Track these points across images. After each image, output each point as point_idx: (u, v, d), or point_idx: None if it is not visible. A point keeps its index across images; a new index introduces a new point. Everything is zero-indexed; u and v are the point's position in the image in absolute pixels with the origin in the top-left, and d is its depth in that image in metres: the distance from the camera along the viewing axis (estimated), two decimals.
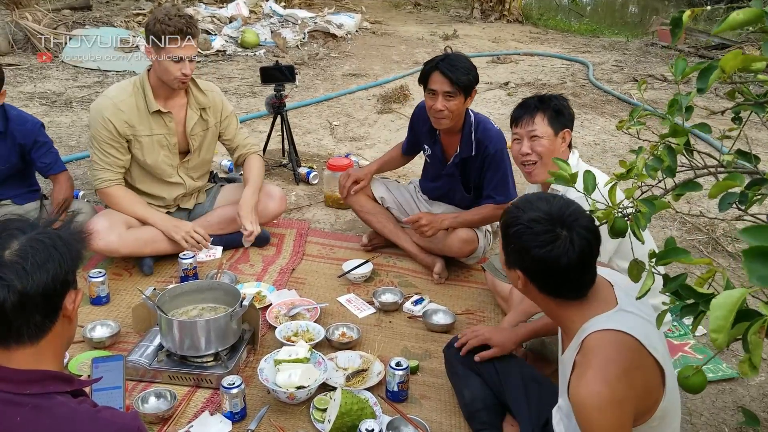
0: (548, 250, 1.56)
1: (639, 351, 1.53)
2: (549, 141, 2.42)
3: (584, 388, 1.49)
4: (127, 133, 3.00)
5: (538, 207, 1.62)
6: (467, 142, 3.03)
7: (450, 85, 2.86)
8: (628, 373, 1.49)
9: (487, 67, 7.77)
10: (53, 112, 5.47)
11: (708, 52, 8.06)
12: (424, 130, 3.19)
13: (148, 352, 2.40)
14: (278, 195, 3.42)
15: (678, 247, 1.43)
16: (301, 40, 8.16)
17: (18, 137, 3.07)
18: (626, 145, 5.17)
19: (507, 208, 1.71)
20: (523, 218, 1.61)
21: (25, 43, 7.19)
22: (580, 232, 1.58)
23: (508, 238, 1.66)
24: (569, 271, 1.58)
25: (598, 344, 1.54)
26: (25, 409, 1.15)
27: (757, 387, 2.53)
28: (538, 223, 1.59)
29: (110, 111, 2.96)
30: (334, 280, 3.15)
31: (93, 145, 3.03)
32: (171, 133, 3.11)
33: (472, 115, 3.05)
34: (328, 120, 5.65)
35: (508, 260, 1.69)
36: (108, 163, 3.02)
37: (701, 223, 3.80)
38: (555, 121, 2.42)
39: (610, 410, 1.47)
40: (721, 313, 1.12)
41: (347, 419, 2.09)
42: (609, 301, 1.63)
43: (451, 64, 2.87)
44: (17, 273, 1.14)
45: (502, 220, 1.70)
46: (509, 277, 1.75)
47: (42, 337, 1.20)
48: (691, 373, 1.30)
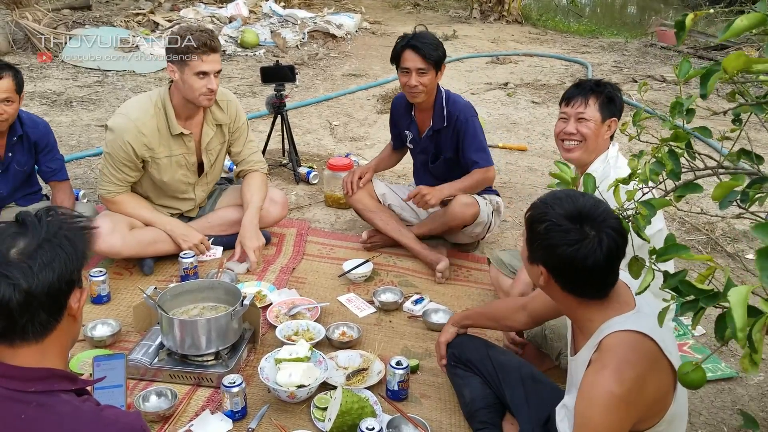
0: (575, 249, 1.54)
1: (656, 354, 1.53)
2: (595, 125, 2.43)
3: (598, 385, 1.49)
4: (146, 155, 2.98)
5: (566, 204, 1.59)
6: (439, 115, 3.18)
7: (422, 61, 3.02)
8: (643, 378, 1.49)
9: (486, 67, 7.78)
10: (53, 111, 5.47)
11: (707, 53, 8.06)
12: (401, 114, 3.35)
13: (149, 351, 2.40)
14: (281, 200, 3.42)
15: (678, 243, 1.44)
16: (300, 41, 8.17)
17: (32, 139, 3.09)
18: (624, 145, 5.17)
19: (534, 203, 1.67)
20: (552, 214, 1.58)
21: (25, 42, 7.19)
22: (609, 232, 1.55)
23: (534, 234, 1.62)
24: (594, 271, 1.56)
25: (617, 344, 1.53)
26: (30, 407, 1.15)
27: (756, 387, 2.54)
28: (568, 221, 1.56)
29: (131, 135, 2.91)
30: (335, 280, 3.15)
31: (107, 159, 3.00)
32: (190, 152, 3.09)
33: (443, 91, 3.22)
34: (328, 120, 5.66)
35: (533, 255, 1.65)
36: (118, 179, 3.01)
37: (700, 223, 3.81)
38: (605, 108, 2.43)
39: (615, 412, 1.48)
40: (741, 311, 1.12)
41: (348, 418, 2.10)
42: (629, 303, 1.63)
43: (421, 41, 3.04)
44: (23, 272, 1.15)
45: (528, 214, 1.66)
46: (530, 274, 1.73)
47: (47, 336, 1.21)
48: (690, 369, 1.31)
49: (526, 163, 4.82)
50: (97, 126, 5.14)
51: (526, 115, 5.96)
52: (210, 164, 3.20)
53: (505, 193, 4.21)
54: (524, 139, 5.35)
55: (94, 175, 4.25)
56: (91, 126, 5.17)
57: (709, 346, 2.74)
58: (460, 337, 2.40)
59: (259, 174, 3.33)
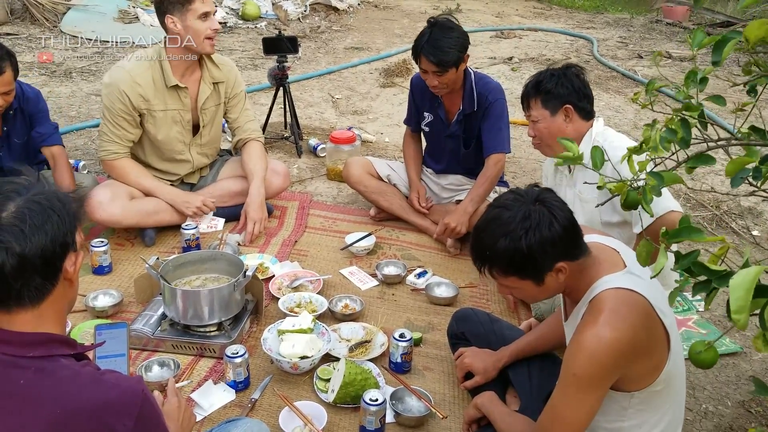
0: (550, 221, 1.56)
1: (647, 310, 1.53)
2: (545, 122, 2.45)
3: (586, 332, 1.50)
4: (142, 107, 2.96)
5: (507, 215, 1.59)
6: (469, 98, 3.08)
7: (436, 66, 2.92)
8: (632, 329, 1.50)
9: (490, 41, 7.69)
10: (53, 82, 5.42)
11: (713, 30, 7.97)
12: (426, 97, 3.21)
13: (151, 321, 2.40)
14: (283, 171, 3.40)
15: (692, 225, 1.41)
16: (302, 13, 8.07)
17: (27, 108, 3.04)
18: (630, 121, 5.13)
19: (498, 244, 1.59)
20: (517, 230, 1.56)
21: (24, 12, 7.08)
22: (546, 196, 1.61)
23: (530, 257, 1.56)
24: (574, 226, 1.61)
25: (608, 299, 1.54)
26: (29, 372, 1.14)
27: (761, 362, 2.54)
28: (527, 218, 1.56)
29: (126, 84, 2.91)
30: (337, 253, 3.14)
31: (105, 116, 2.98)
32: (185, 109, 3.07)
33: (472, 73, 3.11)
34: (330, 93, 5.60)
35: (541, 271, 1.60)
36: (118, 136, 2.98)
37: (706, 199, 3.79)
38: (548, 102, 2.44)
39: (601, 357, 1.48)
40: (741, 294, 1.11)
41: (351, 389, 2.10)
42: (617, 264, 1.63)
43: (435, 46, 2.90)
44: (15, 235, 1.12)
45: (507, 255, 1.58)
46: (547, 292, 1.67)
47: (43, 300, 1.19)
48: (702, 349, 1.30)
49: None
50: (96, 96, 5.09)
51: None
52: (204, 124, 3.17)
53: (510, 168, 4.18)
54: None
55: (94, 146, 4.22)
56: (91, 97, 5.12)
57: (713, 321, 2.73)
58: (465, 310, 2.39)
59: (257, 143, 3.32)
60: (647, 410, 1.61)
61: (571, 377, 1.52)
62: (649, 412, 1.62)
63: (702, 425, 2.23)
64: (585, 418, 1.54)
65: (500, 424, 1.86)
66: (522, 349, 2.12)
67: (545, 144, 2.50)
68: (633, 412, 1.62)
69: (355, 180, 3.38)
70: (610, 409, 1.63)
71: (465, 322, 2.32)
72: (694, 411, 2.29)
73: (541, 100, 2.45)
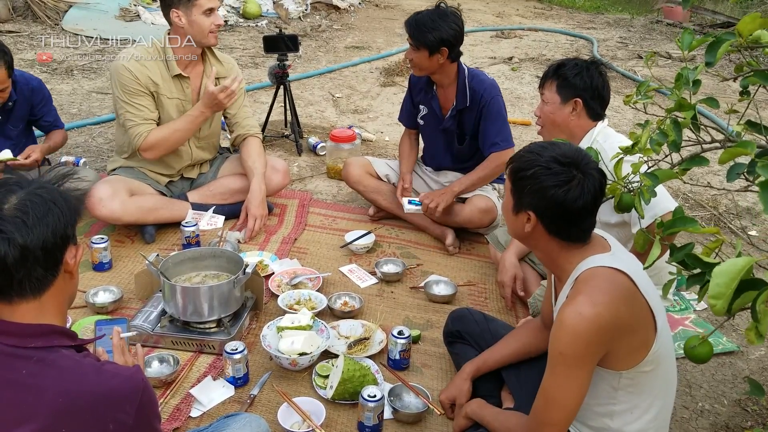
0: (566, 190, 1.59)
1: (630, 289, 1.56)
2: (553, 108, 2.45)
3: (569, 309, 1.53)
4: (151, 88, 3.00)
5: (552, 150, 1.64)
6: (462, 93, 3.10)
7: (410, 36, 2.98)
8: (615, 305, 1.52)
9: (490, 41, 7.71)
10: (54, 79, 5.43)
11: (713, 30, 7.98)
12: (421, 88, 3.25)
13: (151, 318, 2.41)
14: (283, 169, 3.41)
15: (686, 216, 1.43)
16: (303, 12, 8.08)
17: (27, 97, 3.19)
18: (630, 122, 5.15)
19: (518, 153, 1.71)
20: (541, 160, 1.62)
21: (25, 10, 7.10)
22: (592, 174, 1.61)
23: (522, 180, 1.65)
24: (582, 212, 1.61)
25: (590, 276, 1.58)
26: (31, 362, 1.16)
27: (757, 361, 2.55)
28: (557, 164, 1.61)
29: (133, 64, 2.96)
30: (336, 251, 3.15)
31: (122, 103, 2.97)
32: (187, 99, 3.10)
33: (465, 69, 3.13)
34: (331, 92, 5.61)
35: (520, 202, 1.67)
36: (142, 117, 2.98)
37: (704, 199, 3.80)
38: (562, 89, 2.43)
39: (584, 333, 1.50)
40: (722, 281, 1.13)
41: (349, 385, 2.11)
42: (605, 247, 1.68)
43: (418, 23, 2.96)
44: (17, 227, 1.15)
45: (514, 165, 1.69)
46: (513, 225, 1.73)
47: (44, 292, 1.21)
48: (697, 343, 1.32)
49: (530, 138, 4.79)
50: (97, 94, 5.11)
51: (531, 90, 5.91)
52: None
53: None
54: (528, 114, 5.32)
55: (95, 143, 4.24)
56: (92, 94, 5.14)
57: (710, 320, 2.74)
58: (461, 310, 2.40)
59: (255, 139, 3.34)
60: (636, 393, 1.63)
61: (558, 356, 1.55)
62: (639, 396, 1.64)
63: (698, 423, 2.25)
64: (576, 397, 1.57)
65: (494, 424, 1.88)
66: (485, 361, 2.11)
67: (546, 129, 2.51)
68: (623, 395, 1.63)
69: (355, 180, 3.40)
70: (600, 391, 1.65)
71: (460, 322, 2.32)
72: (690, 409, 2.30)
73: (556, 85, 2.44)
